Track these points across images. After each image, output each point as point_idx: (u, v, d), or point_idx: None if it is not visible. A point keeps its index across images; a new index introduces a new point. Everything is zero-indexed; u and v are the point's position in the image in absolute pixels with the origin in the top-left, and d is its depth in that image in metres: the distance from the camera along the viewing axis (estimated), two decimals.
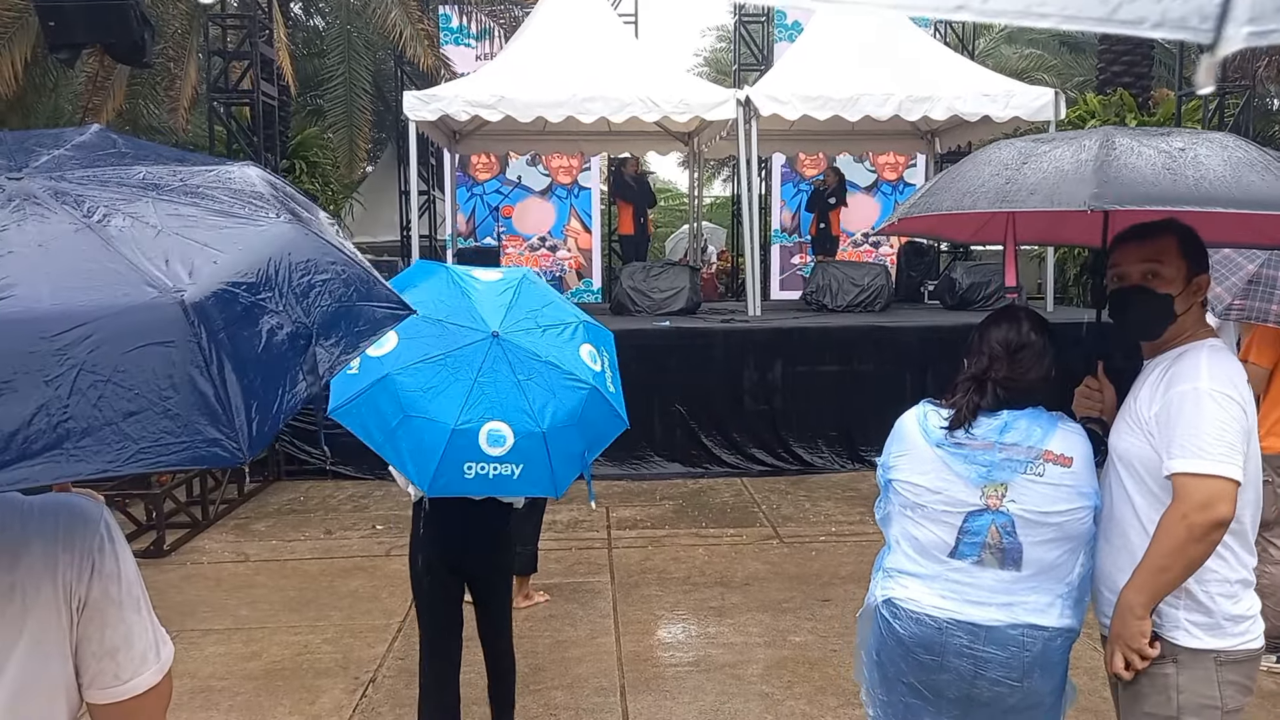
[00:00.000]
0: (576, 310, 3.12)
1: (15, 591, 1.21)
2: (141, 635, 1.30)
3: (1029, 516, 2.05)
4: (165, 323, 1.03)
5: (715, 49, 25.93)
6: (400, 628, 4.73)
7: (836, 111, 9.11)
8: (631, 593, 5.19)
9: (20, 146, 1.24)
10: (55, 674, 1.25)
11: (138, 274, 1.05)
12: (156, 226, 1.13)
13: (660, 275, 9.69)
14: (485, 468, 2.74)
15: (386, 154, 16.60)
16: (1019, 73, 18.55)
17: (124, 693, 1.29)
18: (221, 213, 1.20)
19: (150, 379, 1.01)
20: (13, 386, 0.95)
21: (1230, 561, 1.99)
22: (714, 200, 24.47)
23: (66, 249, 1.06)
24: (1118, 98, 10.38)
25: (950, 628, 2.09)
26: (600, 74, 9.22)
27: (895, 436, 2.24)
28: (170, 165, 1.29)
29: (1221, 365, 1.98)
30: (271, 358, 1.12)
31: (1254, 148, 2.04)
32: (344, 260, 1.29)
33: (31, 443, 0.95)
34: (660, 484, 7.61)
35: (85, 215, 1.11)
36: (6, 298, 0.98)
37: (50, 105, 14.89)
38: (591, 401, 2.86)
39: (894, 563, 2.22)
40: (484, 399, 2.79)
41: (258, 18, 8.06)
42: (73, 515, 1.28)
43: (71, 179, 1.16)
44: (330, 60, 13.02)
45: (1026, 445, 2.06)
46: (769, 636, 4.57)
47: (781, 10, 14.68)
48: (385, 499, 7.19)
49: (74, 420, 0.97)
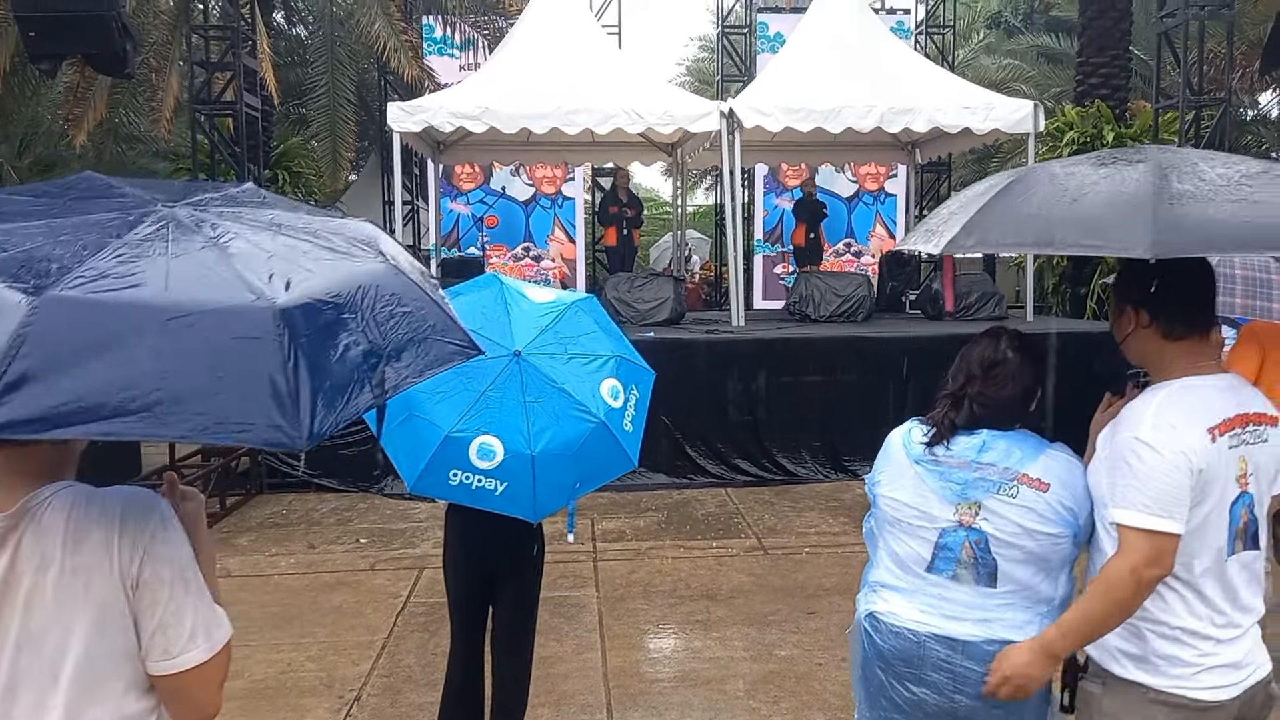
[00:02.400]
0: (622, 347, 3.12)
1: (79, 571, 1.38)
2: (192, 615, 1.44)
3: (1001, 536, 2.07)
4: (256, 322, 1.23)
5: (698, 59, 26.04)
6: (384, 644, 4.71)
7: (819, 123, 9.17)
8: (617, 606, 5.19)
9: (183, 190, 1.49)
10: (117, 645, 1.42)
11: (242, 283, 1.26)
12: (270, 252, 1.35)
13: (644, 286, 9.71)
14: (469, 478, 2.79)
15: (370, 163, 16.57)
16: (998, 83, 18.73)
17: (173, 666, 1.44)
18: (329, 249, 1.42)
19: (236, 366, 1.20)
20: (125, 354, 1.16)
21: (1172, 606, 1.93)
22: (697, 209, 24.54)
23: (191, 258, 1.29)
24: (1095, 109, 10.50)
25: (929, 641, 2.12)
26: (584, 85, 9.25)
27: (883, 452, 2.28)
28: (299, 213, 1.51)
29: (1171, 410, 1.89)
30: (343, 368, 1.30)
31: None
32: (428, 302, 1.51)
33: (130, 402, 1.15)
34: (645, 495, 7.62)
35: (214, 237, 1.34)
36: (135, 286, 1.21)
37: (30, 113, 14.80)
38: (596, 436, 2.88)
39: (877, 576, 2.26)
40: (485, 412, 2.83)
41: (240, 29, 8.04)
42: (132, 504, 1.44)
43: (212, 212, 1.41)
44: (314, 70, 12.98)
45: (1003, 466, 2.08)
46: (755, 650, 4.59)
47: (763, 22, 14.78)
48: (369, 512, 7.17)
49: (166, 390, 1.16)
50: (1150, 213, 1.73)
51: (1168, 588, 1.93)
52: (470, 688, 3.36)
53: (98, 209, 1.37)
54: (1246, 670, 1.98)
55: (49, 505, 1.39)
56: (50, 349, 1.14)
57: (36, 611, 1.37)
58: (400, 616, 5.08)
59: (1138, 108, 11.10)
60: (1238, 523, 1.94)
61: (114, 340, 1.17)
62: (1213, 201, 1.76)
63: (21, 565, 1.37)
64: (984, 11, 24.17)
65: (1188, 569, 1.92)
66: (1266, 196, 1.76)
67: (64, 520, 1.39)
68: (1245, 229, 1.71)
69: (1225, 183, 1.80)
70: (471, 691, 3.36)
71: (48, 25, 7.33)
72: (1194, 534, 1.90)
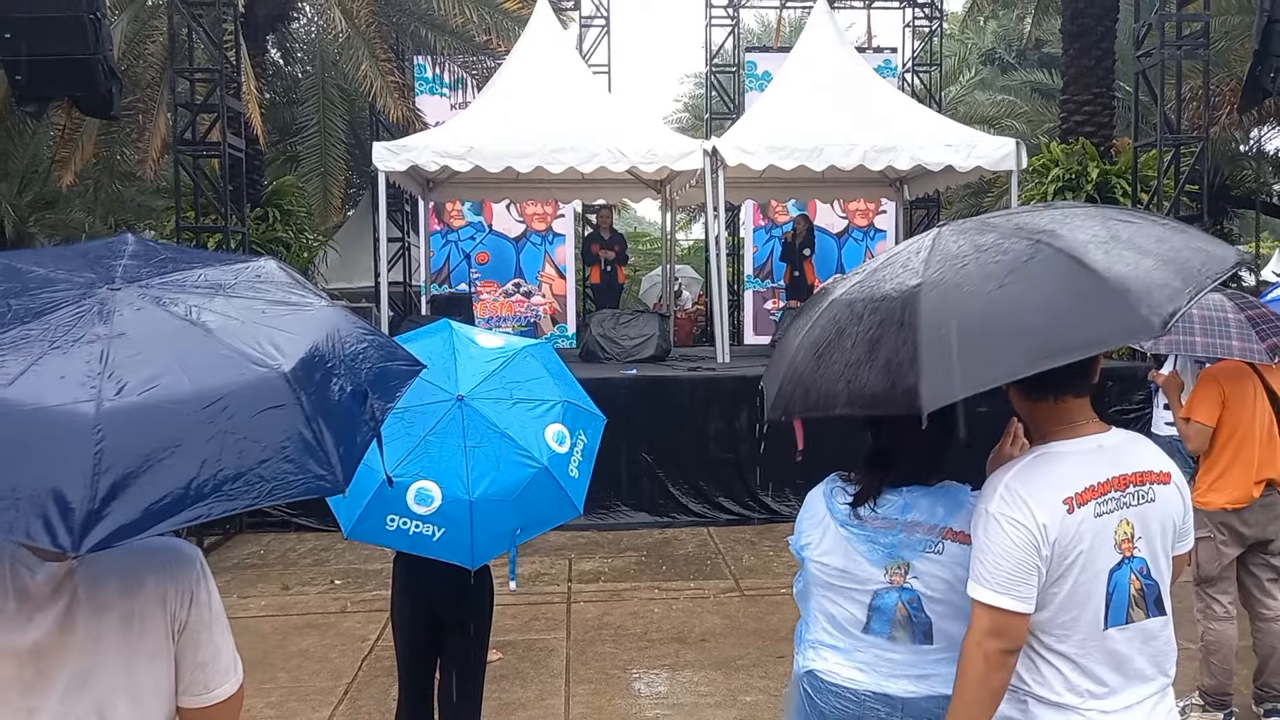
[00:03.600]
0: (572, 392, 3.11)
1: (134, 617, 1.54)
2: (225, 653, 1.64)
3: (932, 594, 2.05)
4: (275, 390, 1.36)
5: (694, 95, 26.29)
6: (347, 690, 4.66)
7: (802, 161, 9.22)
8: (586, 650, 5.14)
9: (88, 259, 1.56)
10: (164, 681, 1.58)
11: (243, 356, 1.38)
12: (238, 319, 1.45)
13: (629, 323, 9.73)
14: (406, 523, 2.79)
15: (363, 201, 16.68)
16: (991, 119, 18.87)
17: (210, 699, 1.62)
18: (277, 302, 1.54)
19: (272, 433, 1.34)
20: (183, 449, 1.28)
21: (1047, 678, 1.88)
22: (691, 244, 24.65)
23: (183, 344, 1.39)
24: (1079, 146, 10.55)
25: (868, 699, 2.09)
26: (570, 124, 9.31)
27: (805, 512, 2.24)
28: (215, 266, 1.62)
29: (1024, 483, 1.84)
30: (345, 410, 1.45)
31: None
32: (369, 330, 1.63)
33: (203, 487, 1.28)
34: (626, 534, 7.57)
35: (184, 316, 1.43)
36: (157, 386, 1.31)
37: (30, 151, 14.95)
38: (538, 482, 2.86)
39: (814, 635, 2.22)
40: (425, 457, 2.83)
41: (225, 71, 8.13)
42: (176, 556, 1.61)
43: (155, 286, 1.48)
44: (306, 109, 13.12)
45: (929, 524, 2.06)
46: (720, 696, 4.53)
47: (752, 61, 14.93)
48: (346, 552, 7.12)
49: (226, 469, 1.29)
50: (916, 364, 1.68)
51: (1044, 660, 1.89)
52: None
53: (49, 305, 1.42)
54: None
55: (100, 554, 1.43)
56: (125, 459, 1.25)
57: (90, 653, 1.50)
58: (366, 661, 5.03)
59: (1122, 145, 11.15)
60: (1126, 589, 1.86)
61: (170, 437, 1.28)
62: (966, 316, 1.70)
63: (78, 610, 1.50)
64: (977, 48, 24.41)
65: (1063, 640, 1.86)
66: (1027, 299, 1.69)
67: (116, 570, 1.53)
68: (1017, 344, 1.67)
69: (977, 288, 1.73)
70: None
71: (34, 69, 7.41)
72: (1064, 606, 1.85)
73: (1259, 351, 3.91)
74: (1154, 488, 1.91)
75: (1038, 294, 1.69)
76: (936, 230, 1.98)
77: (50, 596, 1.50)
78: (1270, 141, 19.94)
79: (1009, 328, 1.69)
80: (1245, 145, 18.72)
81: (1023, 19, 20.39)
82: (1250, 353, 3.91)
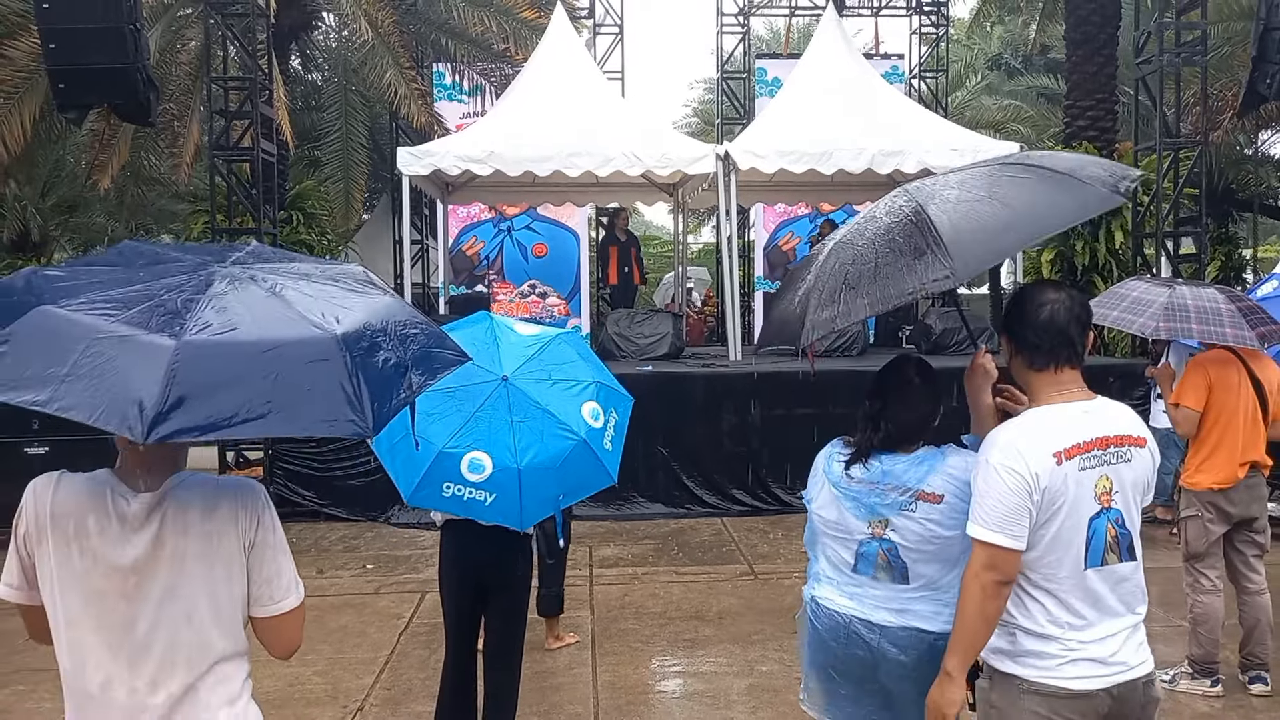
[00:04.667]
0: (602, 374, 3.41)
1: (212, 536, 1.86)
2: (288, 572, 1.95)
3: (907, 544, 2.42)
4: (325, 348, 1.67)
5: (704, 100, 26.61)
6: (388, 660, 4.96)
7: (812, 165, 9.52)
8: (610, 627, 5.43)
9: (214, 253, 1.93)
10: (238, 592, 1.90)
11: (306, 320, 1.71)
12: (312, 296, 1.80)
13: (644, 322, 10.02)
14: (461, 490, 3.07)
15: (382, 203, 17.02)
16: (997, 123, 19.11)
17: (276, 610, 1.93)
18: (350, 290, 1.89)
19: (318, 380, 1.64)
20: (243, 379, 1.60)
21: (1032, 612, 2.17)
22: (701, 247, 24.94)
23: (261, 306, 1.73)
24: (1082, 150, 10.83)
25: (854, 622, 2.49)
26: (586, 130, 9.62)
27: (813, 471, 2.63)
28: (310, 263, 2.00)
29: (1020, 437, 2.15)
30: (385, 376, 1.74)
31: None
32: (425, 322, 1.98)
33: (250, 410, 1.58)
34: (643, 524, 7.86)
35: (270, 289, 1.78)
36: (235, 329, 1.65)
37: (54, 156, 15.33)
38: (577, 453, 3.15)
39: (817, 570, 2.63)
40: (476, 430, 3.12)
41: (258, 79, 8.46)
42: (246, 488, 1.95)
43: (253, 268, 1.84)
44: (328, 115, 13.46)
45: (903, 487, 2.42)
46: (737, 666, 4.82)
47: (762, 67, 15.24)
48: (376, 540, 7.44)
49: (275, 401, 1.60)
50: (938, 246, 2.22)
51: (1030, 596, 2.19)
52: (463, 695, 3.62)
53: (170, 272, 1.79)
54: (1116, 667, 2.18)
55: (184, 486, 1.87)
56: (193, 379, 1.57)
57: (178, 567, 1.83)
58: (403, 635, 5.33)
59: (1124, 149, 11.41)
60: (1103, 536, 2.18)
61: (230, 368, 1.61)
62: (969, 217, 2.27)
63: (166, 531, 1.83)
64: (984, 53, 24.65)
65: (1049, 579, 2.17)
66: (1003, 195, 2.31)
67: (198, 498, 1.87)
68: (1009, 230, 2.26)
69: (964, 197, 2.32)
70: (464, 698, 3.62)
71: (76, 77, 7.76)
72: (1050, 547, 2.16)
73: (1250, 338, 4.20)
74: (1131, 449, 2.23)
75: (1023, 195, 2.32)
76: (900, 189, 2.57)
77: (145, 520, 1.83)
78: (1275, 146, 20.13)
79: (1006, 219, 2.29)
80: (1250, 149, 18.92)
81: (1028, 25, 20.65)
82: (1242, 339, 4.20)
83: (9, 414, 7.17)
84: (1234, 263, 15.01)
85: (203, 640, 1.85)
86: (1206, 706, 4.30)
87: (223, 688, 1.89)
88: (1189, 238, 10.52)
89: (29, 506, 1.84)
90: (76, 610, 1.82)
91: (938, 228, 2.26)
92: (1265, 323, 4.31)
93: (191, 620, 1.84)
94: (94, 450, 7.10)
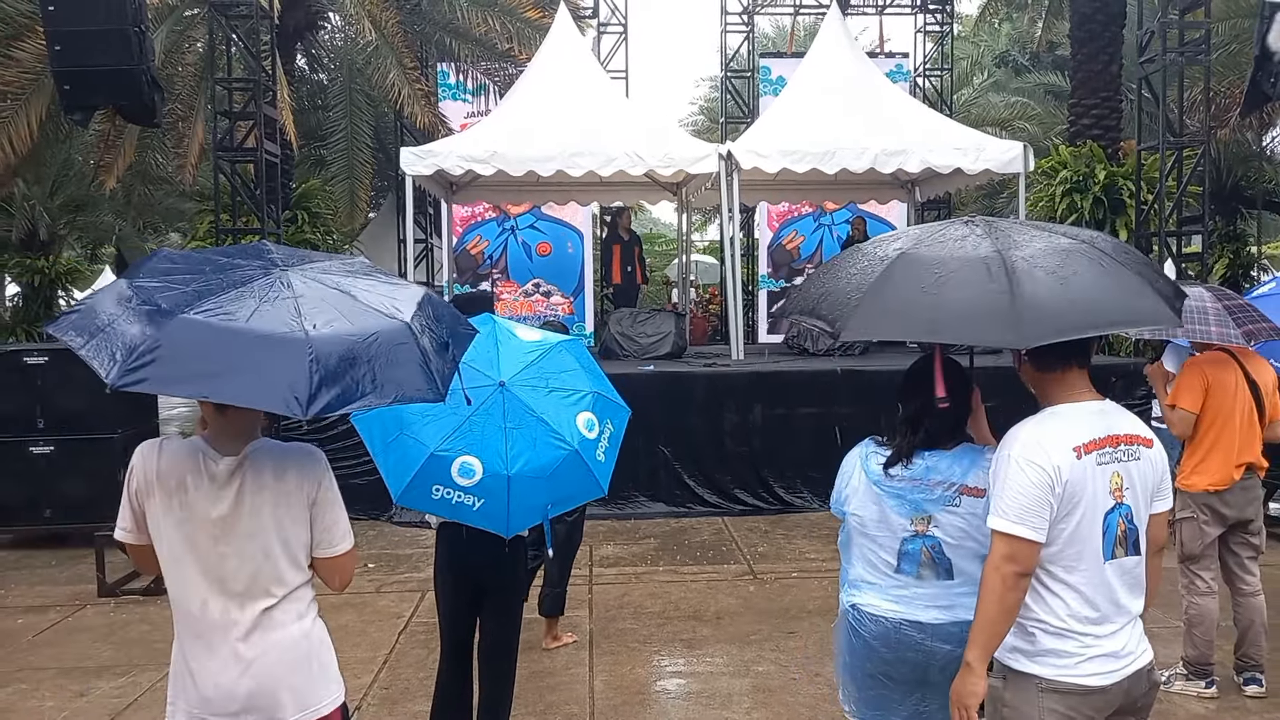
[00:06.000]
0: (601, 384, 3.41)
1: (283, 492, 2.28)
2: (342, 523, 2.37)
3: (950, 540, 2.45)
4: (403, 333, 2.11)
5: (709, 98, 26.60)
6: (386, 659, 5.00)
7: (814, 164, 9.52)
8: (608, 626, 5.46)
9: (249, 254, 2.25)
10: (304, 537, 2.32)
11: (380, 312, 2.13)
12: (368, 289, 2.20)
13: (646, 321, 10.05)
14: (450, 493, 3.09)
15: (386, 203, 17.08)
16: (1003, 120, 19.06)
17: (334, 551, 2.35)
18: (389, 283, 2.30)
19: (403, 359, 2.08)
20: (359, 363, 2.00)
21: (1053, 606, 2.22)
22: (705, 245, 24.95)
23: (343, 303, 2.13)
24: (1087, 149, 10.80)
25: (903, 625, 2.50)
26: (589, 129, 9.65)
27: (843, 475, 2.64)
28: (341, 261, 2.36)
29: (1040, 433, 2.21)
30: (439, 351, 2.20)
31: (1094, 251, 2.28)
32: (447, 304, 2.45)
33: (363, 387, 2.00)
34: (644, 523, 7.89)
35: (335, 287, 2.17)
36: (338, 323, 2.05)
37: (61, 156, 15.41)
38: (569, 463, 3.16)
39: (854, 576, 2.63)
40: (469, 435, 3.13)
41: (262, 81, 8.51)
42: (311, 454, 2.36)
43: (309, 270, 2.21)
44: (333, 115, 13.49)
45: (948, 482, 2.45)
46: (734, 667, 4.84)
47: (766, 66, 15.23)
48: (378, 539, 7.48)
49: (376, 378, 2.02)
50: (1010, 306, 2.13)
51: (1050, 591, 2.24)
52: (458, 695, 3.65)
53: (246, 279, 2.12)
54: (1126, 659, 2.27)
55: (259, 451, 2.28)
56: (327, 365, 1.96)
57: (256, 518, 2.24)
58: (402, 635, 5.37)
59: (1129, 147, 11.37)
60: (1115, 531, 2.24)
61: (351, 356, 2.01)
62: (1053, 292, 2.15)
63: (246, 488, 2.24)
64: (990, 50, 24.57)
65: (1070, 571, 2.22)
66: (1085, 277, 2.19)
67: (270, 461, 2.28)
68: (1087, 309, 2.15)
69: (1059, 273, 2.18)
70: (459, 698, 3.65)
71: (82, 79, 7.80)
72: (1069, 540, 2.21)
73: (1235, 335, 4.20)
74: (1140, 448, 2.30)
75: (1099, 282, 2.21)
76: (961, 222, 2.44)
77: (229, 479, 2.23)
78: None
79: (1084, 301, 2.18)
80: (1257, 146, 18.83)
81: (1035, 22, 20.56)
82: (1227, 336, 4.20)
83: (16, 413, 7.25)
84: (1242, 260, 14.92)
85: (277, 573, 2.27)
86: (1201, 708, 4.30)
87: (292, 607, 2.31)
88: (1194, 236, 10.50)
89: (139, 467, 2.26)
90: (179, 549, 2.25)
91: (1016, 286, 2.15)
92: (1252, 320, 4.31)
93: (269, 557, 2.26)
94: (93, 449, 7.22)
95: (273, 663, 2.28)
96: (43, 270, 15.55)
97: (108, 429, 7.33)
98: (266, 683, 2.27)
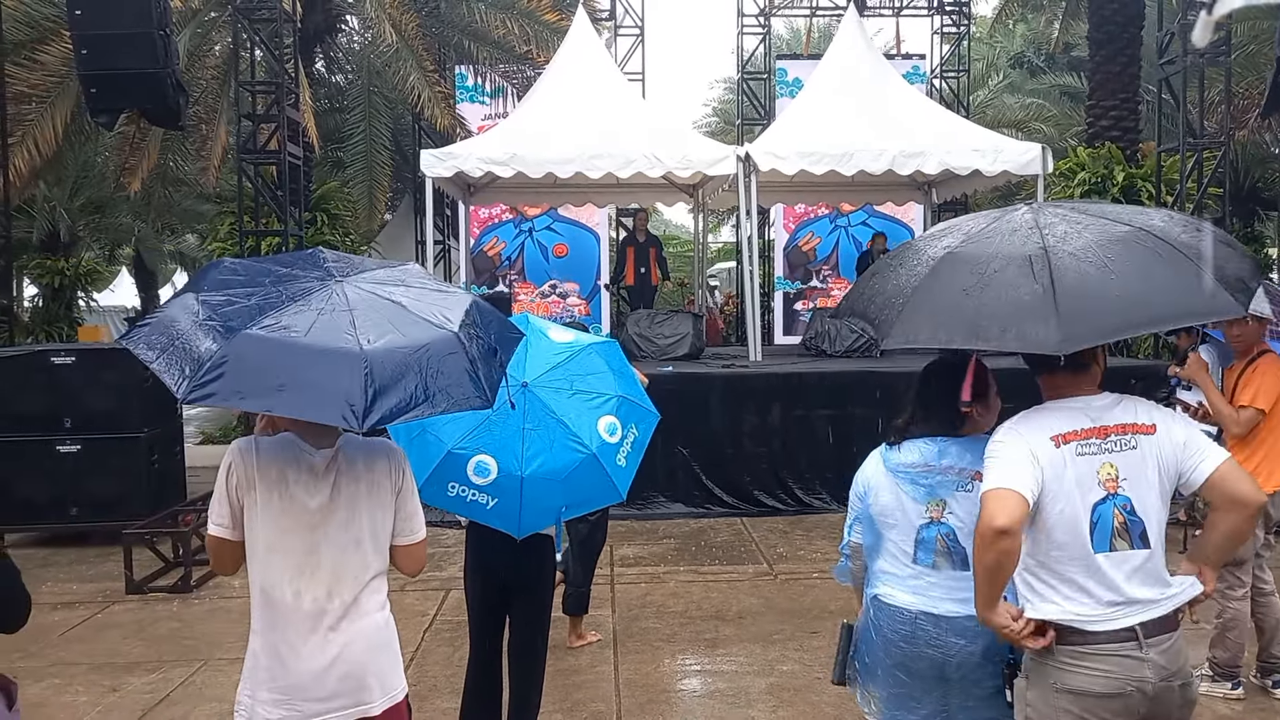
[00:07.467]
0: (630, 389, 3.40)
1: (374, 484, 2.43)
2: (419, 513, 2.53)
3: (964, 527, 2.47)
4: (451, 343, 2.20)
5: (724, 100, 26.62)
6: (413, 657, 5.04)
7: (832, 166, 9.53)
8: (631, 625, 5.49)
9: (305, 263, 2.38)
10: (389, 525, 2.45)
11: (430, 322, 2.22)
12: (418, 299, 2.30)
13: (664, 322, 10.08)
14: (465, 491, 3.12)
15: (404, 204, 17.16)
16: (1019, 122, 18.99)
17: (412, 540, 2.50)
18: (438, 291, 2.41)
19: (452, 369, 2.17)
20: (411, 374, 2.10)
21: (1051, 597, 2.24)
22: (721, 246, 24.95)
23: (395, 315, 2.21)
24: (1106, 151, 10.78)
25: (920, 619, 2.53)
26: (607, 131, 9.68)
27: (862, 480, 2.69)
28: (392, 269, 2.46)
29: (1021, 423, 2.29)
30: (487, 358, 2.28)
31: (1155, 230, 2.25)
32: (493, 310, 2.49)
33: (415, 398, 2.09)
34: (663, 523, 7.92)
35: (388, 299, 2.25)
36: (390, 336, 2.14)
37: (82, 158, 15.56)
38: (586, 466, 3.15)
39: (878, 567, 2.66)
40: (487, 434, 3.14)
41: (284, 84, 8.58)
42: (393, 448, 2.53)
43: (362, 281, 2.31)
44: (352, 117, 13.58)
45: (959, 467, 2.50)
46: (758, 666, 4.86)
47: (782, 68, 15.25)
48: None
49: (429, 389, 2.11)
50: (1053, 308, 2.10)
51: (1040, 580, 2.25)
52: (488, 694, 3.68)
53: (304, 292, 2.21)
54: (1143, 664, 2.19)
55: (350, 444, 2.43)
56: (381, 378, 2.06)
57: (349, 506, 2.39)
58: (428, 632, 5.42)
59: (1148, 149, 11.35)
60: (1109, 522, 2.23)
61: (404, 368, 2.10)
62: (1101, 286, 2.11)
63: (342, 479, 2.39)
64: (1006, 52, 24.51)
65: (1059, 561, 2.24)
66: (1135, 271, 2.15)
67: (361, 453, 2.44)
68: (1132, 309, 2.11)
69: (1106, 265, 2.15)
70: (489, 697, 3.68)
71: (108, 82, 7.91)
72: (1054, 529, 2.22)
73: None
74: (1136, 437, 2.27)
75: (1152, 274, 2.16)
76: (1025, 208, 2.42)
77: (325, 471, 2.38)
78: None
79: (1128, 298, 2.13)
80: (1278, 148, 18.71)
81: (1051, 23, 20.51)
82: None
83: (43, 414, 7.34)
84: (1260, 262, 14.89)
85: (364, 561, 2.40)
86: (1227, 709, 4.30)
87: (376, 596, 2.44)
88: None
89: (238, 463, 2.35)
90: (275, 540, 2.35)
91: (1059, 284, 2.13)
92: None
93: (360, 546, 2.38)
94: (119, 448, 7.30)
95: (361, 649, 2.39)
96: (63, 272, 15.71)
97: (133, 428, 7.42)
98: (355, 669, 2.37)
